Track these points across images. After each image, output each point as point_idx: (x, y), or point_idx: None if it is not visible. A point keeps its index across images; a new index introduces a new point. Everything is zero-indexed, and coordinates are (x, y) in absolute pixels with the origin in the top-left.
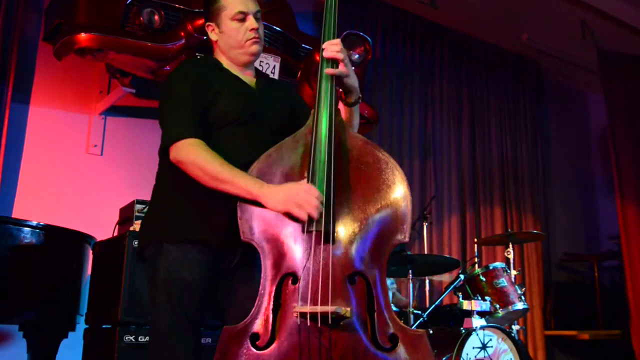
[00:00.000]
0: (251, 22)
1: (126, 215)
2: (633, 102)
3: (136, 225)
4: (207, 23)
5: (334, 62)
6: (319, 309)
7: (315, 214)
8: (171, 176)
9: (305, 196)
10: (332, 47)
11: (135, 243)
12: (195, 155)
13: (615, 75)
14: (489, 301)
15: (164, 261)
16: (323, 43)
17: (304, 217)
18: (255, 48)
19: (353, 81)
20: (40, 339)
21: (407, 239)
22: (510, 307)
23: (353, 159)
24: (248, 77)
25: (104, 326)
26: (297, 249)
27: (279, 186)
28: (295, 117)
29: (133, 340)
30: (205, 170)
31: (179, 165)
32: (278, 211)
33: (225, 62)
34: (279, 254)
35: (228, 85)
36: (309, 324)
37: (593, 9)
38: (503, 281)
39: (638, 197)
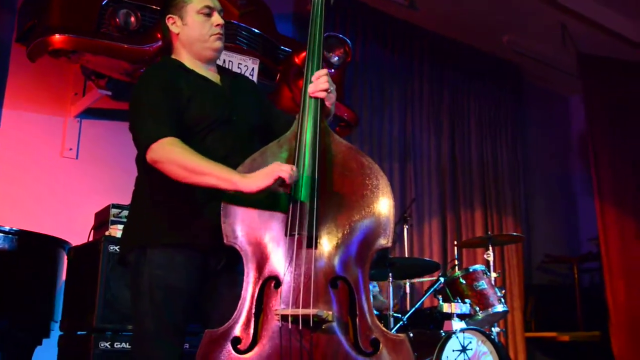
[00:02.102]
0: (217, 18)
1: (102, 219)
2: (612, 105)
3: (112, 230)
4: (168, 15)
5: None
6: (300, 311)
7: (291, 177)
8: (152, 180)
9: (283, 165)
10: (320, 85)
11: (111, 248)
12: (172, 153)
13: (594, 79)
14: (469, 304)
15: (148, 266)
16: (308, 54)
17: (287, 176)
18: (218, 44)
19: (333, 108)
20: (14, 346)
21: (390, 244)
22: (490, 309)
23: (337, 164)
24: (213, 75)
25: (79, 333)
26: (280, 253)
27: (257, 171)
28: (264, 111)
29: (108, 346)
30: (183, 166)
31: (156, 165)
32: (263, 186)
33: (188, 61)
34: (262, 258)
35: (198, 89)
36: (290, 327)
37: (573, 13)
38: (483, 284)
39: (617, 199)
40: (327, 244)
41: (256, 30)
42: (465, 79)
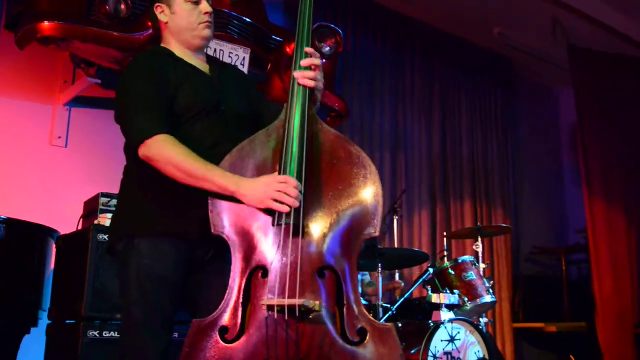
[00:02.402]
0: (205, 5)
1: (90, 208)
2: (602, 98)
3: (101, 219)
4: (157, 4)
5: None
6: (286, 301)
7: (296, 204)
8: (140, 169)
9: (283, 188)
10: (308, 73)
11: (100, 237)
12: (168, 153)
13: (584, 72)
14: (458, 294)
15: (136, 256)
16: (297, 42)
17: (286, 209)
18: (207, 32)
19: (319, 96)
20: (1, 334)
21: (377, 233)
22: (478, 300)
23: (325, 152)
24: (202, 64)
25: (67, 321)
26: (267, 242)
27: (255, 180)
28: (252, 101)
29: (97, 335)
30: (179, 168)
31: (150, 162)
32: (255, 206)
33: (177, 50)
34: (249, 247)
35: (186, 77)
36: (276, 317)
37: (564, 5)
38: (471, 274)
39: (605, 191)
40: (314, 233)
41: (247, 19)
42: (457, 71)
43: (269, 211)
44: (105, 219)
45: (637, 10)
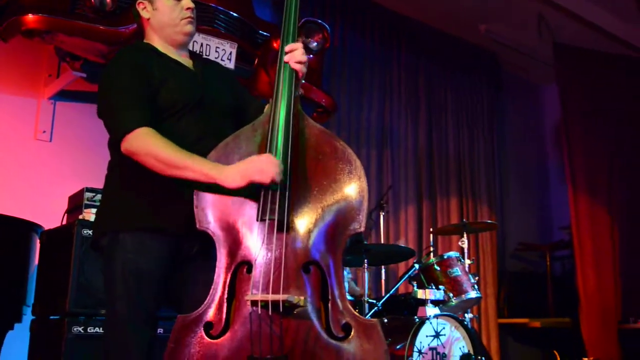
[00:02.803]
0: (187, 1)
1: (75, 203)
2: (587, 96)
3: (85, 214)
4: (139, 1)
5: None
6: (270, 297)
7: (277, 178)
8: (125, 164)
9: (265, 161)
10: (297, 57)
11: (85, 232)
12: (149, 145)
13: (570, 69)
14: (443, 290)
15: (121, 251)
16: (282, 35)
17: (267, 180)
18: (189, 28)
19: (301, 80)
20: None
21: (362, 229)
22: (463, 295)
23: (311, 148)
24: (185, 60)
25: (51, 317)
26: (252, 238)
27: (236, 164)
28: (236, 96)
29: (82, 331)
30: (160, 159)
31: (133, 156)
32: (240, 186)
33: (160, 45)
34: (234, 243)
35: (170, 72)
36: (260, 312)
37: (550, 3)
38: (457, 270)
39: (590, 188)
40: (299, 228)
41: (234, 14)
42: (444, 67)
43: (253, 197)
44: (90, 214)
45: (622, 8)
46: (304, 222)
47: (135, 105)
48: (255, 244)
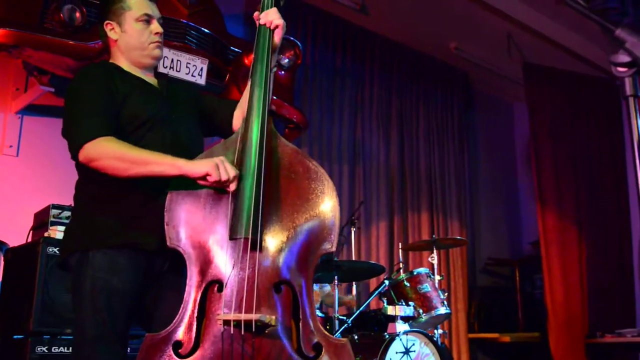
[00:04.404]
0: (156, 26)
1: (41, 220)
2: (555, 114)
3: (51, 231)
4: (107, 21)
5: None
6: (242, 316)
7: (229, 176)
8: (93, 182)
9: (223, 162)
10: (272, 16)
11: (50, 250)
12: (108, 148)
13: (538, 87)
14: (413, 306)
15: (90, 269)
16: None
17: (218, 176)
18: (157, 52)
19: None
20: None
21: (334, 249)
22: (433, 311)
23: (283, 167)
24: (150, 79)
25: (15, 337)
26: (223, 257)
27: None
28: (201, 107)
29: (46, 351)
30: (122, 157)
31: (92, 164)
32: (200, 173)
33: (125, 65)
34: (205, 261)
35: (134, 88)
36: (232, 332)
37: (518, 23)
38: (427, 286)
39: (557, 204)
40: (271, 247)
41: (206, 30)
42: (415, 84)
43: (226, 225)
44: (56, 232)
45: (589, 30)
46: (276, 241)
47: (97, 116)
48: (227, 263)
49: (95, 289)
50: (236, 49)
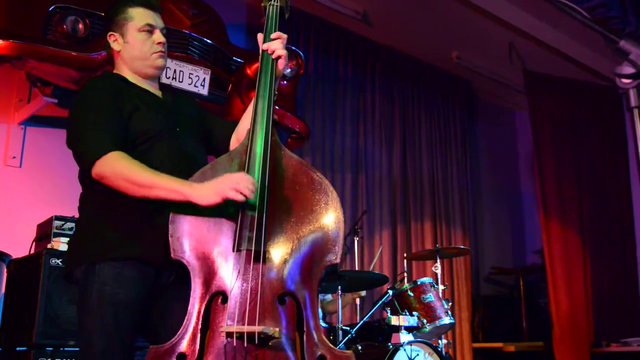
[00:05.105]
0: (158, 36)
1: (44, 231)
2: (557, 122)
3: (54, 243)
4: (110, 32)
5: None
6: (245, 328)
7: (250, 195)
8: (98, 194)
9: (238, 178)
10: (274, 45)
11: (53, 261)
12: (118, 167)
13: (540, 95)
14: (417, 316)
15: (97, 282)
16: (265, 35)
17: (240, 197)
18: (160, 62)
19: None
20: None
21: (338, 261)
22: (437, 322)
23: (288, 178)
24: (155, 90)
25: (18, 349)
26: (227, 268)
27: (209, 182)
28: (203, 122)
29: None
30: (130, 180)
31: (103, 181)
32: (213, 203)
33: (130, 76)
34: (209, 273)
35: (141, 101)
36: (235, 344)
37: (520, 32)
38: (430, 296)
39: (561, 212)
40: (275, 259)
41: (208, 41)
42: (417, 93)
43: (230, 227)
44: (59, 243)
45: (590, 39)
46: (280, 252)
47: (105, 130)
48: (231, 275)
49: (103, 301)
50: (238, 59)
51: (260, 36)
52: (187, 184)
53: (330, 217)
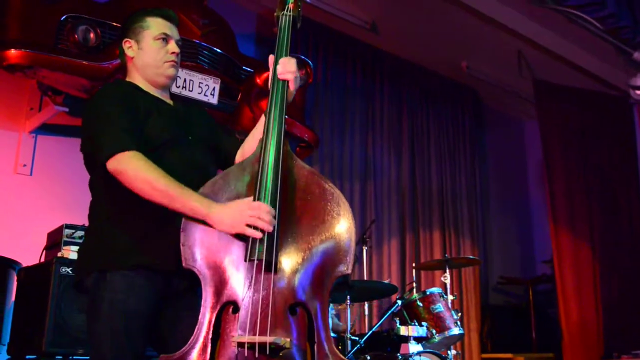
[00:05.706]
0: (173, 45)
1: (54, 240)
2: (566, 131)
3: (64, 251)
4: (125, 39)
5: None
6: (257, 339)
7: (269, 229)
8: (108, 202)
9: (256, 213)
10: (288, 67)
11: (63, 270)
12: (140, 168)
13: (550, 105)
14: (426, 327)
15: (108, 291)
16: (276, 53)
17: (259, 235)
18: (172, 71)
19: (293, 93)
20: None
21: (349, 271)
22: (446, 332)
23: (299, 189)
24: (166, 99)
25: (27, 357)
26: (239, 278)
27: (227, 205)
28: (212, 133)
29: None
30: (153, 185)
31: (119, 177)
32: (228, 232)
33: (142, 84)
34: (221, 282)
35: (154, 107)
36: (246, 354)
37: (529, 41)
38: (439, 306)
39: (570, 222)
40: (286, 269)
41: (218, 50)
42: (426, 102)
43: (241, 237)
44: (69, 252)
45: (600, 49)
46: (292, 262)
47: (124, 129)
48: (242, 284)
49: (113, 311)
50: (248, 69)
51: (271, 57)
52: (207, 204)
53: (341, 228)
